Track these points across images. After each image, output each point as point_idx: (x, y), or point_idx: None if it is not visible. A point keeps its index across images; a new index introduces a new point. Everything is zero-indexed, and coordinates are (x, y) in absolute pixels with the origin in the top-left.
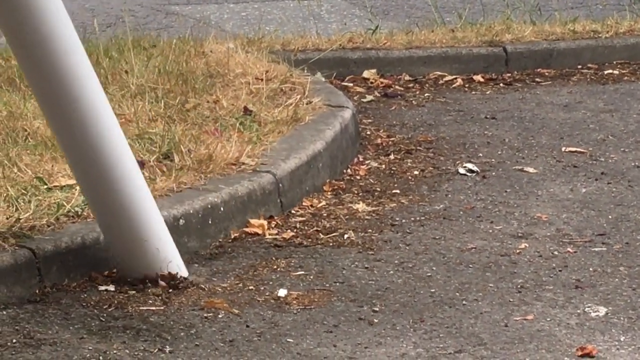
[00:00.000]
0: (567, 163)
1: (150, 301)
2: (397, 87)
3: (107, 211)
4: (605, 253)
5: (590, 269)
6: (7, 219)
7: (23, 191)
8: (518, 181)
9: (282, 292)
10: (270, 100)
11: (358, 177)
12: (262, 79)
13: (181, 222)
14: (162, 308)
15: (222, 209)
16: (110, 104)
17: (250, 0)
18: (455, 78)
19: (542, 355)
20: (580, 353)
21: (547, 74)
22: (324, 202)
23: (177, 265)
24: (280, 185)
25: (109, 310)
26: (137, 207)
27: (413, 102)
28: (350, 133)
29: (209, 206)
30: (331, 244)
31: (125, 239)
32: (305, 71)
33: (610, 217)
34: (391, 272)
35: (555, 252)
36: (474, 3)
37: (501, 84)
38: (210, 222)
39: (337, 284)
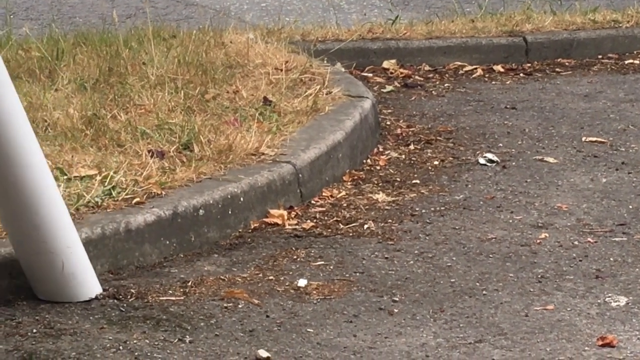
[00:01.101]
0: (588, 153)
1: (171, 291)
2: (417, 77)
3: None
4: (626, 243)
5: (611, 259)
6: None
7: None
8: (538, 171)
9: (302, 282)
10: (289, 90)
11: (378, 167)
12: (281, 70)
13: (201, 212)
14: (182, 298)
15: (241, 199)
16: (130, 95)
17: None
18: (475, 68)
19: (562, 345)
20: (600, 343)
21: (567, 63)
22: (343, 192)
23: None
24: (300, 175)
25: (129, 300)
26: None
27: (433, 92)
28: (370, 123)
29: (229, 196)
30: (351, 234)
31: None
32: (325, 61)
33: (630, 207)
34: (411, 262)
35: (576, 242)
36: None
37: (521, 74)
38: (230, 212)
39: (357, 274)
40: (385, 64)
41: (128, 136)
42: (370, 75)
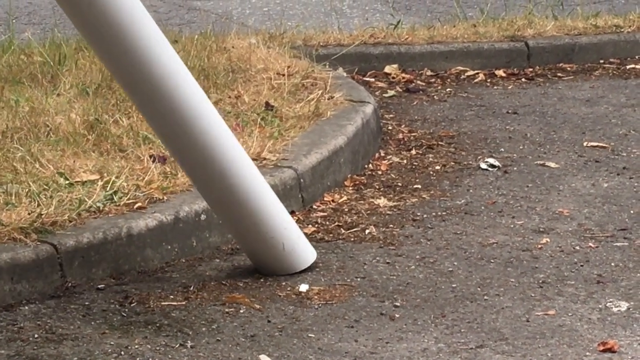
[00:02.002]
0: (589, 158)
1: (172, 296)
2: (418, 82)
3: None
4: (627, 248)
5: (612, 264)
6: (29, 214)
7: (45, 187)
8: (540, 176)
9: (303, 287)
10: (291, 95)
11: (379, 172)
12: (283, 74)
13: (202, 217)
14: (183, 303)
15: None
16: None
17: None
18: (477, 73)
19: (563, 351)
20: (601, 348)
21: (569, 68)
22: (345, 197)
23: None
24: (302, 180)
25: (131, 305)
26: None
27: (435, 97)
28: (372, 128)
29: None
30: (352, 239)
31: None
32: (327, 66)
33: (632, 212)
34: (412, 267)
35: (577, 247)
36: None
37: (523, 79)
38: None
39: (359, 279)
40: (387, 69)
41: (130, 141)
42: (372, 80)
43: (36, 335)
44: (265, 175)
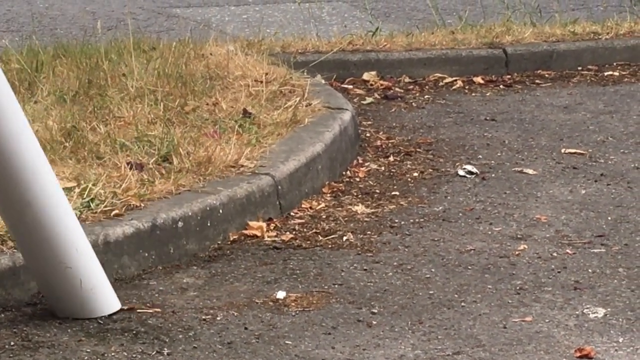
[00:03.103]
0: (567, 164)
1: (149, 304)
2: (397, 89)
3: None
4: (604, 254)
5: (589, 271)
6: None
7: None
8: (517, 183)
9: (280, 294)
10: (269, 102)
11: (357, 179)
12: (261, 82)
13: (180, 224)
14: (160, 311)
15: (220, 211)
16: (110, 107)
17: (251, 2)
18: (455, 80)
19: (540, 357)
20: (578, 354)
21: (547, 75)
22: (323, 204)
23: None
24: (279, 187)
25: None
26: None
27: (413, 104)
28: (350, 135)
29: (208, 208)
30: (330, 246)
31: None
32: (305, 73)
33: (609, 218)
34: (390, 274)
35: (554, 254)
36: (475, 5)
37: (501, 86)
38: (209, 224)
39: (336, 285)
40: (366, 76)
41: (107, 148)
42: (350, 87)
43: (12, 343)
44: (243, 182)
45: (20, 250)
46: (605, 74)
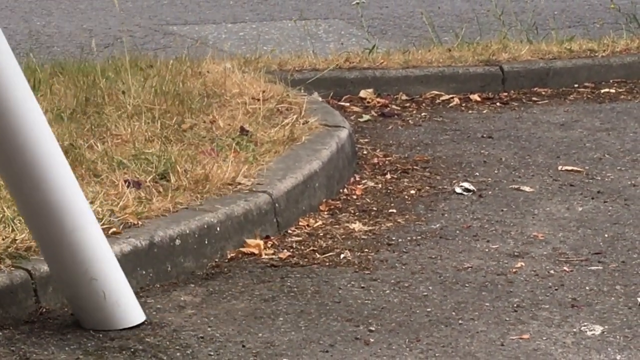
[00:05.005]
0: (564, 182)
1: (147, 321)
2: (393, 106)
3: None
4: (602, 272)
5: (587, 288)
6: (3, 239)
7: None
8: (514, 200)
9: (279, 312)
10: (266, 120)
11: (354, 197)
12: (258, 99)
13: (177, 242)
14: (158, 328)
15: (218, 229)
16: (107, 125)
17: (248, 20)
18: (452, 97)
19: None
20: None
21: (543, 93)
22: (320, 222)
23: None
24: (277, 205)
25: (105, 330)
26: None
27: (410, 121)
28: (347, 153)
29: (205, 226)
30: (327, 264)
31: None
32: (302, 91)
33: (606, 235)
34: (387, 291)
35: (552, 271)
36: (471, 22)
37: (498, 103)
38: (206, 242)
39: (333, 303)
40: (362, 94)
41: (104, 166)
42: (347, 104)
43: None
44: (240, 200)
45: (46, 261)
46: (602, 91)
